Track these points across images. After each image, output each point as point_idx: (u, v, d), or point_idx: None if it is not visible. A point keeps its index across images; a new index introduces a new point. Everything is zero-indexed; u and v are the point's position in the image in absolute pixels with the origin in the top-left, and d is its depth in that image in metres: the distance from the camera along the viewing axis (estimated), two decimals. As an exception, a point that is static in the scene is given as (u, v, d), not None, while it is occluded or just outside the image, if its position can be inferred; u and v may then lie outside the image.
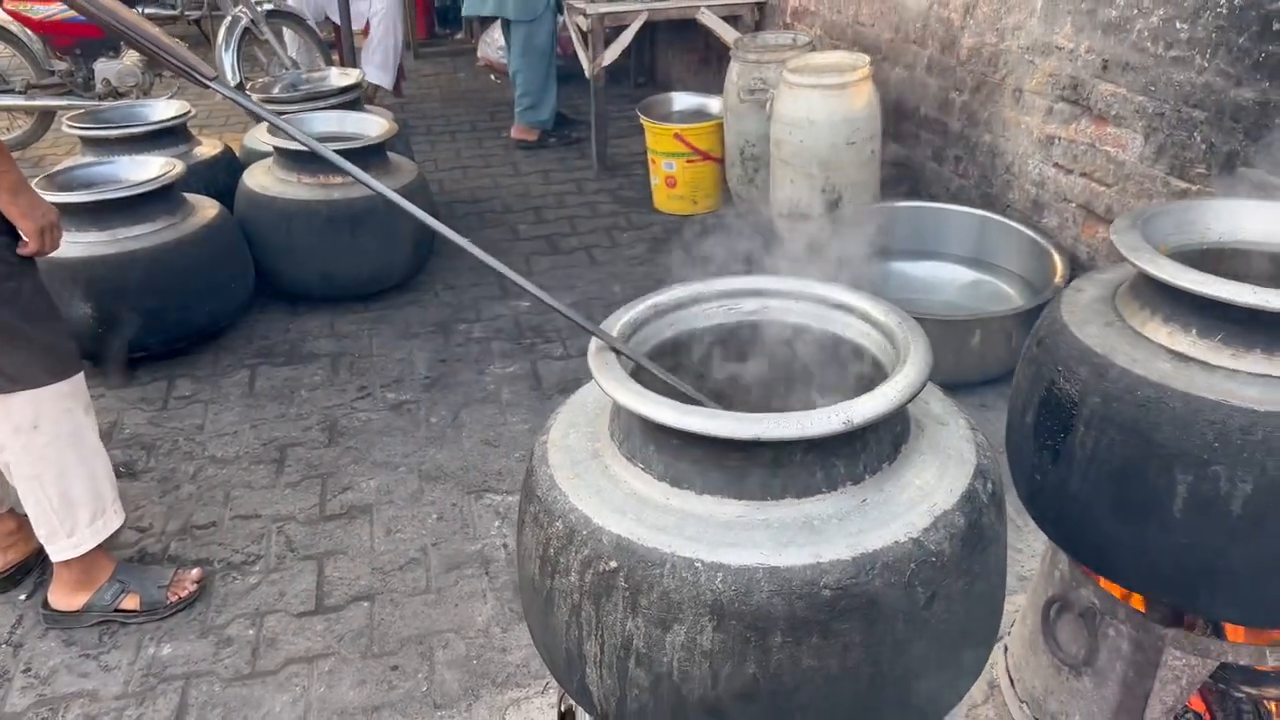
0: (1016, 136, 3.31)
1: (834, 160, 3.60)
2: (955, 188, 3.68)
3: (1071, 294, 1.75)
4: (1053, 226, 3.22)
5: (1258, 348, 1.45)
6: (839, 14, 4.28)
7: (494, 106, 6.29)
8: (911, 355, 1.32)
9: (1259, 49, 2.42)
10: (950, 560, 1.24)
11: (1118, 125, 2.88)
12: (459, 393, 3.15)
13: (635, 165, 5.10)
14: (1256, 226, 1.70)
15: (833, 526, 1.22)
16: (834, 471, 1.26)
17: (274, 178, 3.55)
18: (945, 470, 1.33)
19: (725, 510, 1.25)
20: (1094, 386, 1.55)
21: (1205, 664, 1.67)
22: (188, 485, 2.74)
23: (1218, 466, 1.42)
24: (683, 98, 4.57)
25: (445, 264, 4.02)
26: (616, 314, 1.47)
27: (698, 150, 4.22)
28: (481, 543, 2.49)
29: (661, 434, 1.27)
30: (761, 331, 1.57)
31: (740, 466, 1.24)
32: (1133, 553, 1.55)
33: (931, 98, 3.73)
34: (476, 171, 5.12)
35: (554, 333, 3.50)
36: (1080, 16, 2.95)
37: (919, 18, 3.72)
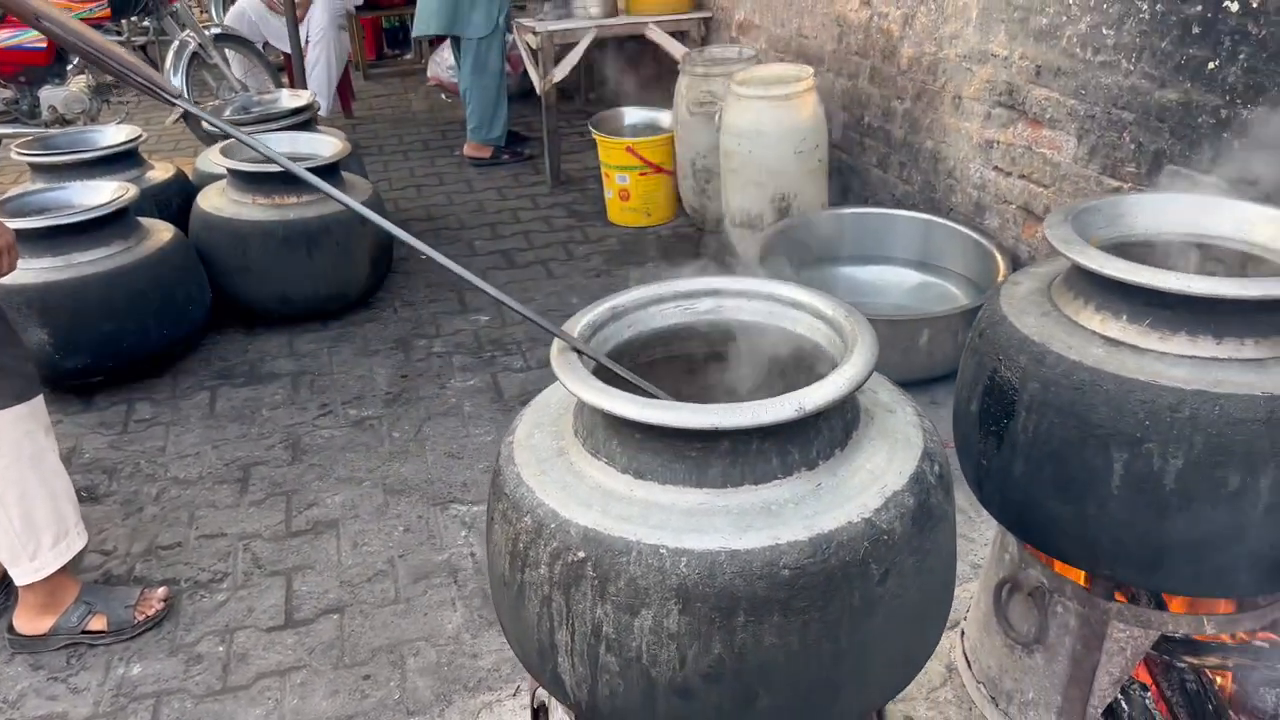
0: (957, 141, 3.42)
1: (783, 169, 3.69)
2: (900, 193, 3.79)
3: (1010, 287, 1.83)
4: (994, 227, 3.32)
5: (1183, 330, 1.54)
6: (782, 27, 4.38)
7: (445, 125, 6.32)
8: (858, 346, 1.38)
9: (1180, 52, 2.54)
10: (901, 538, 1.30)
11: (1052, 128, 3.00)
12: (421, 407, 3.18)
13: (588, 180, 5.16)
14: (1178, 218, 1.80)
15: (789, 510, 1.28)
16: (789, 458, 1.32)
17: (228, 199, 3.56)
18: (894, 454, 1.40)
19: (687, 499, 1.30)
20: (1033, 373, 1.63)
21: (1148, 635, 1.75)
22: (151, 507, 2.74)
23: (1150, 444, 1.50)
24: (634, 112, 4.65)
25: (403, 281, 4.05)
26: (576, 316, 1.53)
27: (650, 163, 4.30)
28: (448, 552, 2.52)
29: (624, 428, 1.33)
30: (717, 330, 1.62)
31: (700, 457, 1.30)
32: (1075, 531, 1.63)
33: (875, 106, 3.84)
34: (430, 189, 5.15)
35: (513, 345, 3.54)
36: (1013, 25, 3.07)
37: (860, 29, 3.83)
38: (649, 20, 4.81)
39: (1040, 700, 1.89)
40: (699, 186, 4.20)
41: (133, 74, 1.21)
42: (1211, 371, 1.50)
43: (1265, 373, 1.50)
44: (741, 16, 4.73)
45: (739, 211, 3.84)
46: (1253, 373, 1.50)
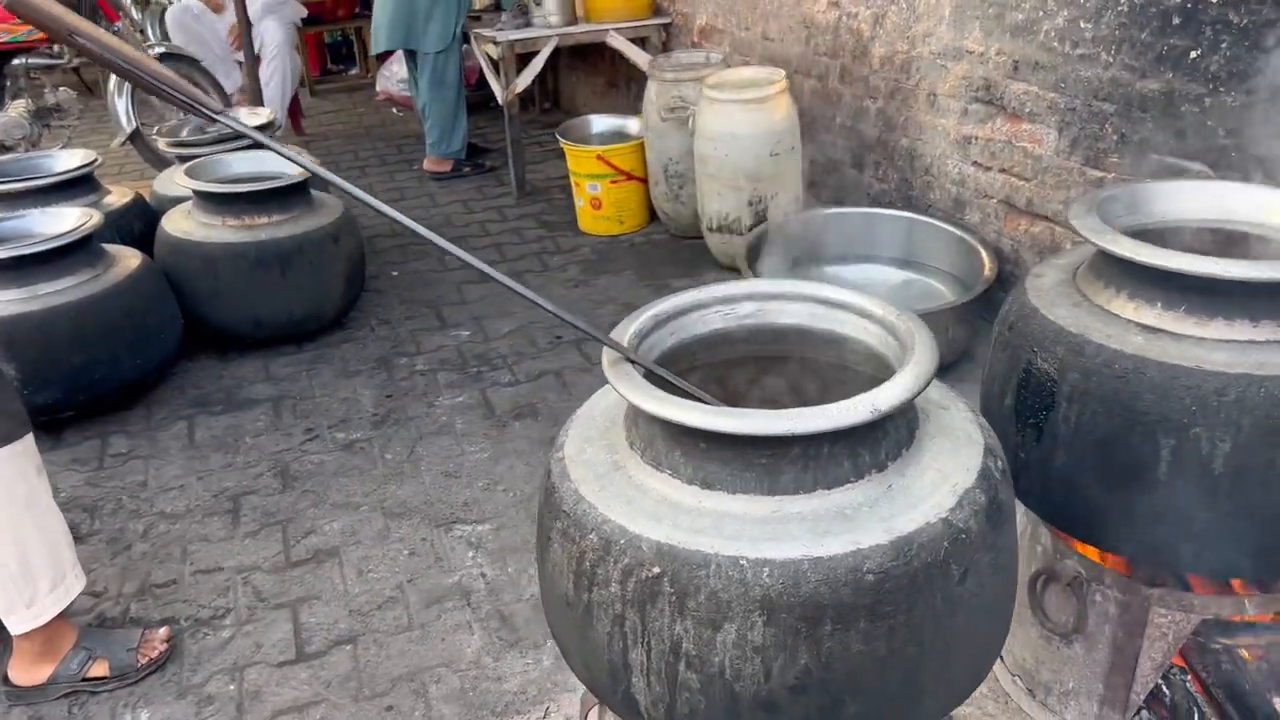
0: (933, 139, 3.45)
1: (759, 172, 3.69)
2: (876, 192, 3.81)
3: (1034, 280, 1.84)
4: (975, 222, 3.36)
5: (1219, 316, 1.56)
6: (747, 31, 4.39)
7: (400, 139, 6.23)
8: (919, 343, 1.37)
9: (1160, 43, 2.58)
10: (977, 536, 1.29)
11: (1032, 122, 3.03)
12: (411, 427, 3.10)
13: (554, 189, 5.12)
14: (1198, 205, 1.82)
15: (865, 514, 1.26)
16: (860, 461, 1.30)
17: (196, 222, 3.45)
18: (958, 451, 1.38)
19: (759, 507, 1.27)
20: (1072, 363, 1.63)
21: (1189, 619, 1.76)
22: (139, 544, 2.63)
23: (1198, 429, 1.51)
24: (600, 120, 4.62)
25: (376, 300, 3.97)
26: (622, 325, 1.49)
27: (621, 171, 4.27)
28: (458, 574, 2.46)
29: (689, 439, 1.29)
30: (761, 334, 1.60)
31: (770, 464, 1.27)
32: (1122, 519, 1.63)
33: (846, 106, 3.85)
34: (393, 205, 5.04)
35: (499, 360, 3.48)
36: (988, 21, 3.10)
37: (828, 30, 3.85)
38: (609, 27, 4.79)
39: (1081, 689, 1.90)
40: (672, 192, 4.18)
41: (170, 90, 1.15)
42: (1252, 354, 1.51)
43: (1308, 353, 1.51)
44: (703, 21, 4.73)
45: (716, 216, 3.83)
46: (1295, 354, 1.51)
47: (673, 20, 4.98)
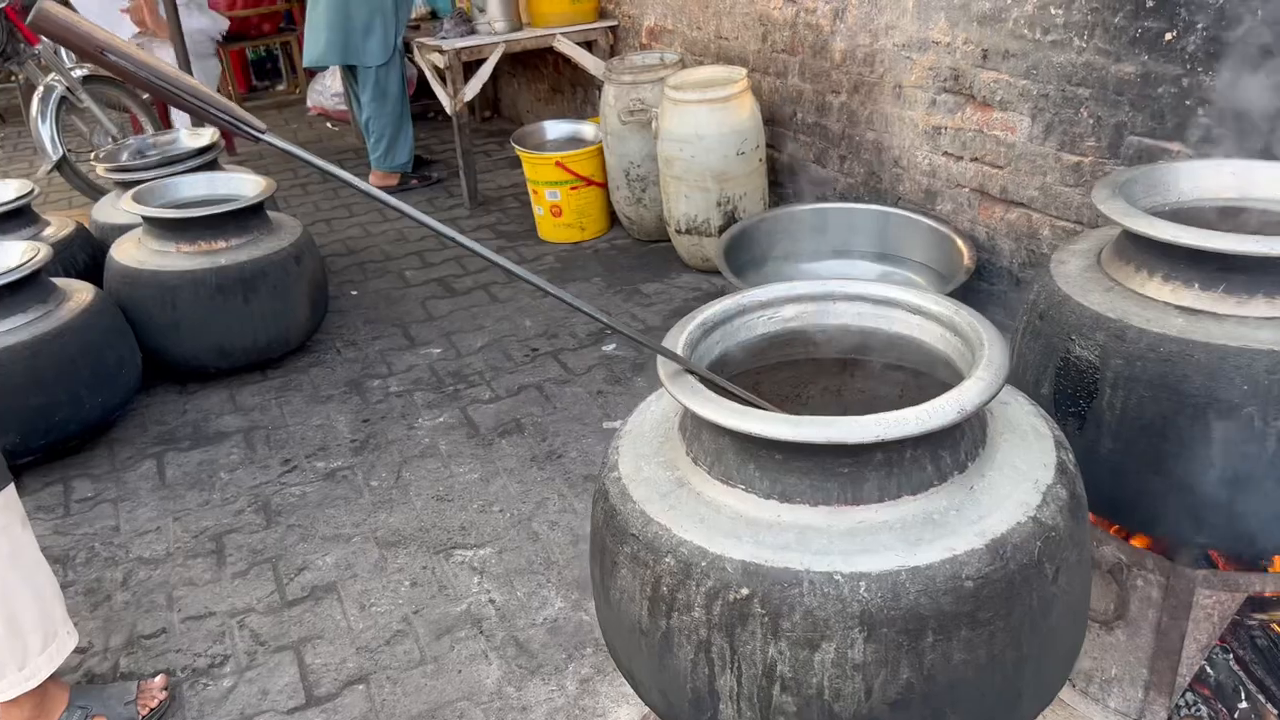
0: (901, 131, 3.45)
1: (727, 172, 3.65)
2: (842, 186, 3.80)
3: (1058, 266, 1.82)
4: (948, 212, 3.36)
5: (1260, 293, 1.55)
6: (699, 30, 4.35)
7: (339, 155, 6.06)
8: (988, 339, 1.33)
9: (1134, 26, 2.60)
10: (1064, 532, 1.26)
11: (1003, 110, 3.04)
12: (393, 451, 2.99)
13: (507, 198, 5.02)
14: (1218, 183, 1.82)
15: (954, 518, 1.22)
16: (942, 463, 1.26)
17: (148, 250, 3.29)
18: (1030, 446, 1.35)
19: (844, 519, 1.22)
20: (1115, 349, 1.61)
21: (1235, 598, 1.77)
22: (120, 594, 2.48)
23: (1250, 408, 1.51)
24: (555, 126, 4.54)
25: (340, 320, 3.84)
26: (672, 335, 1.42)
27: (581, 176, 4.20)
28: (466, 602, 2.37)
29: (764, 451, 1.24)
30: (807, 337, 1.55)
31: (853, 472, 1.22)
32: (1172, 503, 1.62)
33: (808, 102, 3.84)
34: (342, 223, 4.91)
35: (475, 376, 3.38)
36: (954, 11, 3.10)
37: (785, 26, 3.83)
38: (556, 32, 4.71)
39: (1125, 676, 1.89)
40: (634, 196, 4.12)
41: (211, 108, 1.05)
42: (1298, 331, 1.51)
43: (1346, 326, 1.52)
44: (651, 23, 4.69)
45: (684, 218, 3.79)
46: (1335, 328, 1.52)
47: (619, 23, 4.92)
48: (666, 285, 3.90)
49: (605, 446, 2.97)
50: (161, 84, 1.01)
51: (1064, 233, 2.98)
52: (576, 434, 3.00)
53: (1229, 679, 1.85)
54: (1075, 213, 2.92)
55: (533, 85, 6.12)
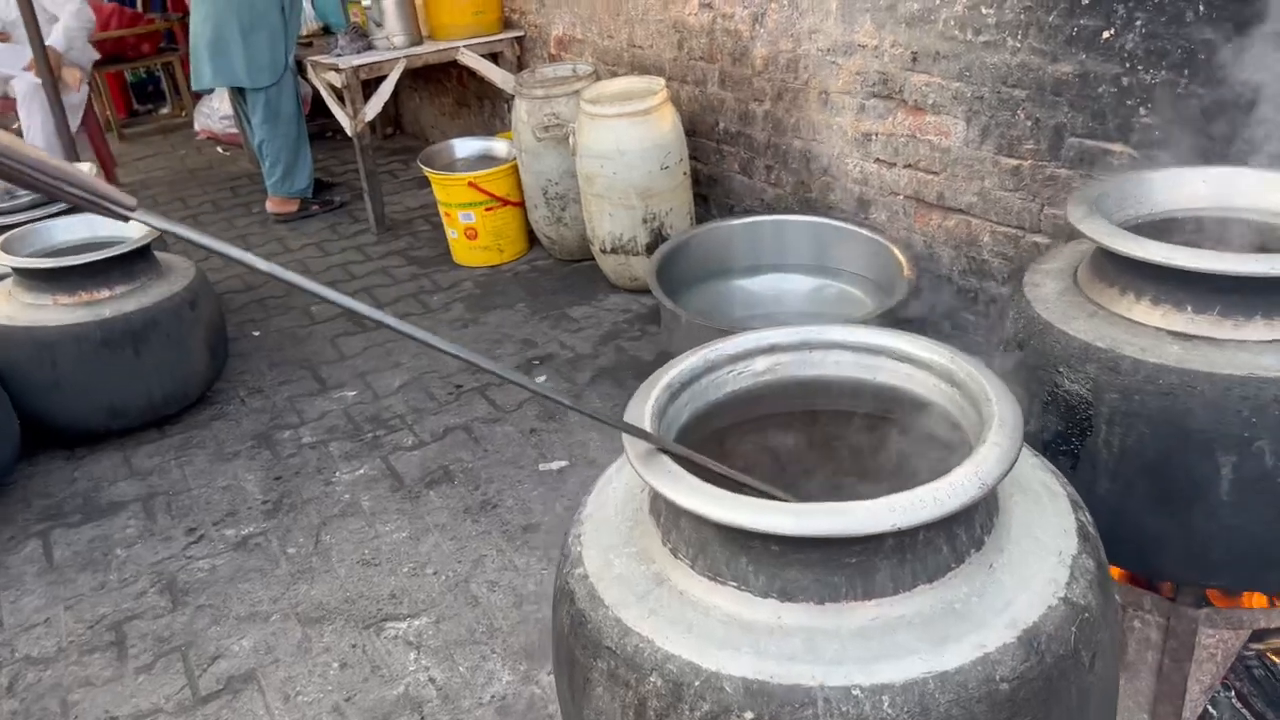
0: (829, 138, 3.32)
1: (651, 188, 3.48)
2: (771, 197, 3.66)
3: (1032, 290, 1.70)
4: (882, 221, 3.25)
5: (1257, 315, 1.45)
6: (610, 39, 4.17)
7: (233, 180, 5.71)
8: (992, 390, 1.18)
9: (1070, 24, 2.51)
10: (1097, 612, 1.12)
11: (936, 114, 2.94)
12: (310, 512, 2.74)
13: (416, 221, 4.77)
14: (1196, 193, 1.72)
15: (977, 606, 1.07)
16: (958, 542, 1.10)
17: (19, 303, 2.96)
18: (1044, 509, 1.21)
19: (855, 617, 1.06)
20: (1108, 383, 1.49)
21: (1239, 635, 1.66)
22: (6, 702, 2.19)
23: (1261, 441, 1.39)
24: (465, 144, 4.30)
25: (241, 365, 3.55)
26: (635, 402, 1.24)
27: (496, 197, 3.98)
28: (403, 683, 2.14)
29: (757, 541, 1.07)
30: (783, 390, 1.38)
31: (863, 561, 1.06)
32: (1179, 544, 1.50)
33: (730, 111, 3.69)
34: (239, 255, 4.58)
35: (395, 420, 3.14)
36: (880, 13, 2.99)
37: (702, 33, 3.68)
38: (459, 45, 4.48)
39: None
40: (554, 215, 3.92)
41: (68, 185, 0.83)
42: (1302, 354, 1.41)
43: (1351, 346, 1.42)
44: (560, 32, 4.49)
45: (609, 237, 3.60)
46: (1341, 348, 1.41)
47: (526, 33, 4.71)
48: (595, 308, 3.71)
49: (544, 491, 2.80)
50: (8, 162, 0.79)
51: (1005, 238, 2.88)
52: (511, 479, 2.79)
53: (1233, 717, 1.75)
54: (1016, 218, 2.83)
55: (436, 100, 5.86)
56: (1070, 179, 2.65)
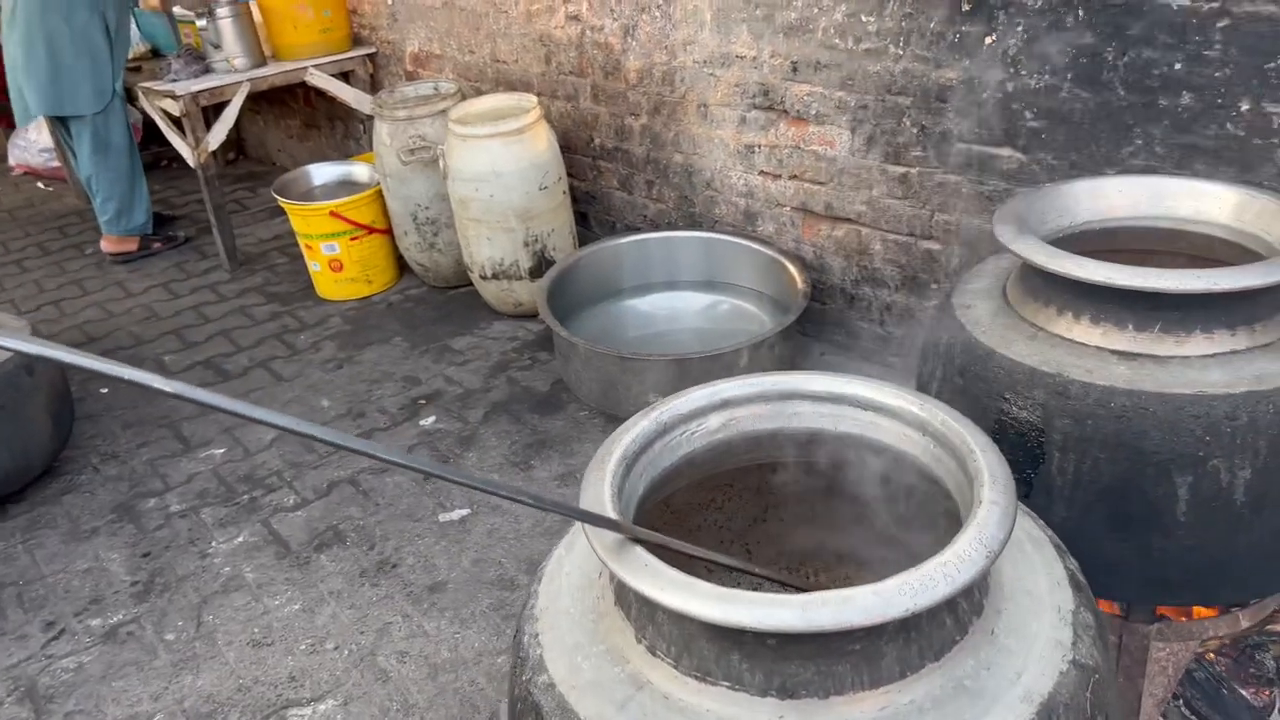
0: (711, 151, 3.25)
1: (531, 209, 3.33)
2: (653, 213, 3.57)
3: (964, 312, 1.65)
4: (770, 233, 3.20)
5: (1196, 330, 1.43)
6: (472, 54, 4.00)
7: (59, 219, 5.23)
8: (976, 443, 1.11)
9: (952, 31, 2.51)
10: (1104, 670, 1.05)
11: (820, 123, 2.90)
12: (188, 590, 2.48)
13: (272, 254, 4.47)
14: (1110, 204, 1.70)
15: (988, 680, 0.99)
16: (960, 612, 1.02)
17: None
18: (1031, 560, 1.14)
19: (863, 709, 0.96)
20: (1058, 408, 1.44)
21: (1188, 647, 1.65)
22: None
23: (1216, 460, 1.37)
24: (321, 170, 4.04)
25: (93, 429, 3.21)
26: (592, 483, 1.10)
27: (361, 225, 3.74)
28: (314, 778, 1.95)
29: (751, 636, 0.95)
30: (739, 447, 1.27)
31: (867, 646, 0.96)
32: (1137, 567, 1.47)
33: (605, 126, 3.58)
34: (74, 303, 4.18)
35: (273, 478, 2.89)
36: (757, 23, 2.93)
37: (571, 47, 3.55)
38: (307, 65, 4.21)
39: (1080, 742, 1.74)
40: (426, 242, 3.72)
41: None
42: (1244, 368, 1.40)
43: (1288, 356, 1.41)
44: (415, 48, 4.28)
45: (489, 263, 3.43)
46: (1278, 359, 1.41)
47: (378, 50, 4.48)
48: (479, 337, 3.53)
49: (446, 544, 2.61)
50: None
51: (896, 246, 2.87)
52: (409, 534, 2.60)
53: (1185, 727, 1.75)
54: (907, 225, 2.82)
55: (282, 122, 5.53)
56: (959, 184, 2.66)
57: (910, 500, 1.22)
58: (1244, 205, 1.60)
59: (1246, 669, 1.88)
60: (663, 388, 2.75)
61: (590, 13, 3.42)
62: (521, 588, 2.38)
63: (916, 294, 2.90)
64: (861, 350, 3.11)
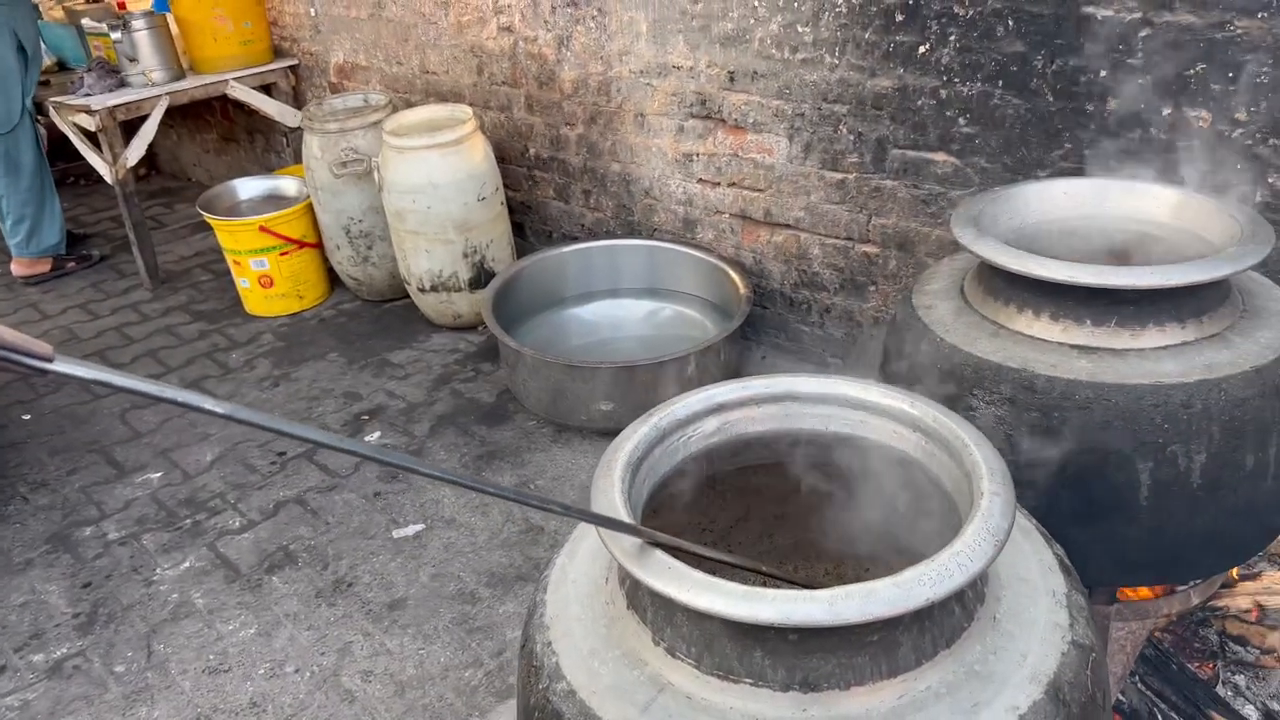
0: (649, 160, 3.28)
1: (469, 220, 3.32)
2: (591, 222, 3.59)
3: (926, 312, 1.71)
4: (710, 240, 3.25)
5: (1150, 323, 1.51)
6: (400, 66, 3.96)
7: (-40, 241, 5.00)
8: (971, 438, 1.15)
9: (886, 40, 2.59)
10: (1099, 648, 1.11)
11: (758, 132, 2.96)
12: (135, 620, 2.40)
13: (195, 271, 4.34)
14: (1056, 205, 1.78)
15: (996, 664, 1.03)
16: (966, 600, 1.06)
17: None
18: (1021, 547, 1.20)
19: (884, 698, 1.00)
20: (1026, 401, 1.51)
21: (1145, 625, 1.74)
22: None
23: (1174, 446, 1.45)
24: (247, 184, 3.94)
25: (17, 458, 3.08)
26: (602, 492, 1.12)
27: (291, 239, 3.67)
28: (286, 805, 1.91)
29: (773, 633, 0.98)
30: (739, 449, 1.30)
31: (885, 637, 0.99)
32: (1102, 551, 1.54)
33: (540, 137, 3.58)
34: (-15, 326, 4.00)
35: (215, 500, 2.82)
36: (693, 34, 2.97)
37: (504, 57, 3.55)
38: (228, 77, 4.11)
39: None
40: (360, 255, 3.67)
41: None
42: (1195, 357, 1.48)
43: (1233, 347, 1.51)
44: (340, 59, 4.21)
45: (427, 275, 3.40)
46: (1227, 349, 1.50)
47: (300, 61, 4.40)
48: (418, 350, 3.49)
49: (403, 560, 2.58)
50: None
51: (835, 250, 2.94)
52: (363, 552, 2.56)
53: (1142, 703, 1.83)
54: (845, 229, 2.89)
55: (198, 136, 5.39)
56: (895, 189, 2.74)
57: (898, 495, 1.26)
58: (1182, 205, 1.70)
59: (1192, 644, 1.98)
60: (612, 395, 2.76)
61: (523, 24, 3.42)
62: (483, 601, 2.36)
63: (855, 296, 2.97)
64: (803, 352, 3.18)
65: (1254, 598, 1.96)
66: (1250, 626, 1.95)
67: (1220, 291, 1.53)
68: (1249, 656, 1.95)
